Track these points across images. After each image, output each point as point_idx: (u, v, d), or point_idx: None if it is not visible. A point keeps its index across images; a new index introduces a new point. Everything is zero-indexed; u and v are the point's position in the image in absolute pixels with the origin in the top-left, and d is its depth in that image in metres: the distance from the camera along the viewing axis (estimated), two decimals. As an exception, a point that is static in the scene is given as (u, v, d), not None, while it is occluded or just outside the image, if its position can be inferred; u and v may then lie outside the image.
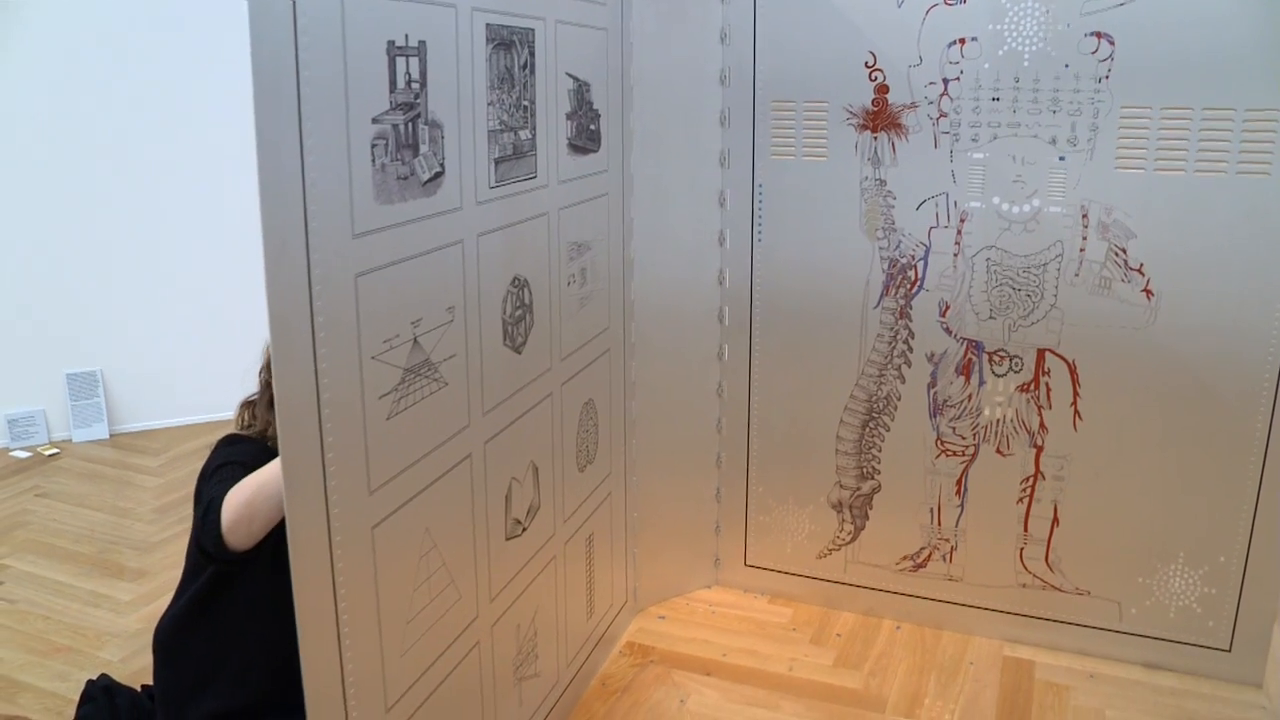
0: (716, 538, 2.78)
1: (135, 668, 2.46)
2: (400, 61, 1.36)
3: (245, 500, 1.50)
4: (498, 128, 1.67)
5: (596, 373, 2.26)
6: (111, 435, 4.01)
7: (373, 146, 1.32)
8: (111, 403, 4.02)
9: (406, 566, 1.52)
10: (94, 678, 2.27)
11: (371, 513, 1.41)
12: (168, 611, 1.95)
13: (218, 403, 4.16)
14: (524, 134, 1.77)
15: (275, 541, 1.56)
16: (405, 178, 1.40)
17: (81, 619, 2.71)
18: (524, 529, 1.94)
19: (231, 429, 1.98)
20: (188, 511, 3.23)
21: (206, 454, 2.53)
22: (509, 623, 1.92)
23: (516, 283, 1.81)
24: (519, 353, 1.84)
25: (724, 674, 2.43)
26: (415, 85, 1.40)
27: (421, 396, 1.51)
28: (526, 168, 1.80)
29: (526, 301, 1.85)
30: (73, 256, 3.88)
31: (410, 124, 1.40)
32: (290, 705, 1.88)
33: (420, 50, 1.40)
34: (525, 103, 1.77)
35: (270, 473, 1.51)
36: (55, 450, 3.86)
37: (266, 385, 1.88)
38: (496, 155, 1.68)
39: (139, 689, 2.25)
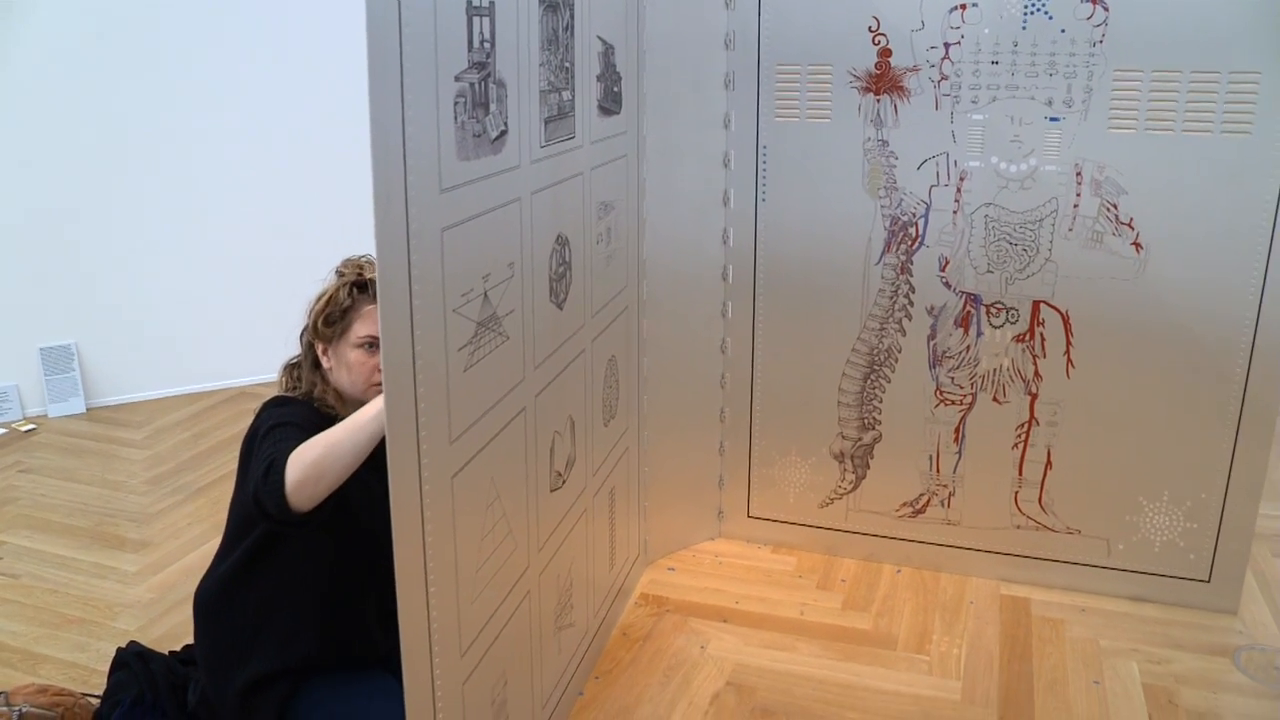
0: (720, 491, 2.87)
1: (153, 636, 2.47)
2: (476, 21, 1.39)
3: (314, 459, 1.51)
4: (546, 88, 1.71)
5: (617, 330, 2.32)
6: (88, 409, 3.95)
7: (455, 104, 1.35)
8: (87, 376, 3.95)
9: (476, 516, 1.57)
10: (123, 645, 2.28)
11: (452, 463, 1.46)
12: (210, 574, 1.97)
13: (197, 374, 4.15)
14: (566, 95, 1.82)
15: (332, 503, 1.59)
16: (478, 135, 1.44)
17: (90, 591, 2.70)
18: (564, 481, 2.00)
19: (249, 398, 1.98)
20: (183, 482, 3.25)
21: (191, 425, 2.53)
22: (552, 573, 1.98)
23: (559, 240, 1.85)
24: (561, 309, 1.89)
25: (739, 620, 2.52)
26: (486, 45, 1.44)
27: (489, 350, 1.55)
28: (567, 128, 1.84)
29: (567, 259, 1.90)
30: (44, 230, 3.80)
31: (483, 82, 1.43)
32: (335, 665, 1.93)
33: (491, 10, 1.44)
34: (567, 64, 1.81)
35: (342, 432, 1.52)
36: (32, 426, 3.79)
37: (310, 347, 1.90)
38: (545, 115, 1.72)
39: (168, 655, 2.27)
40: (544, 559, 1.92)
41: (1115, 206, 2.35)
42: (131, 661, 2.19)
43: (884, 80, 2.44)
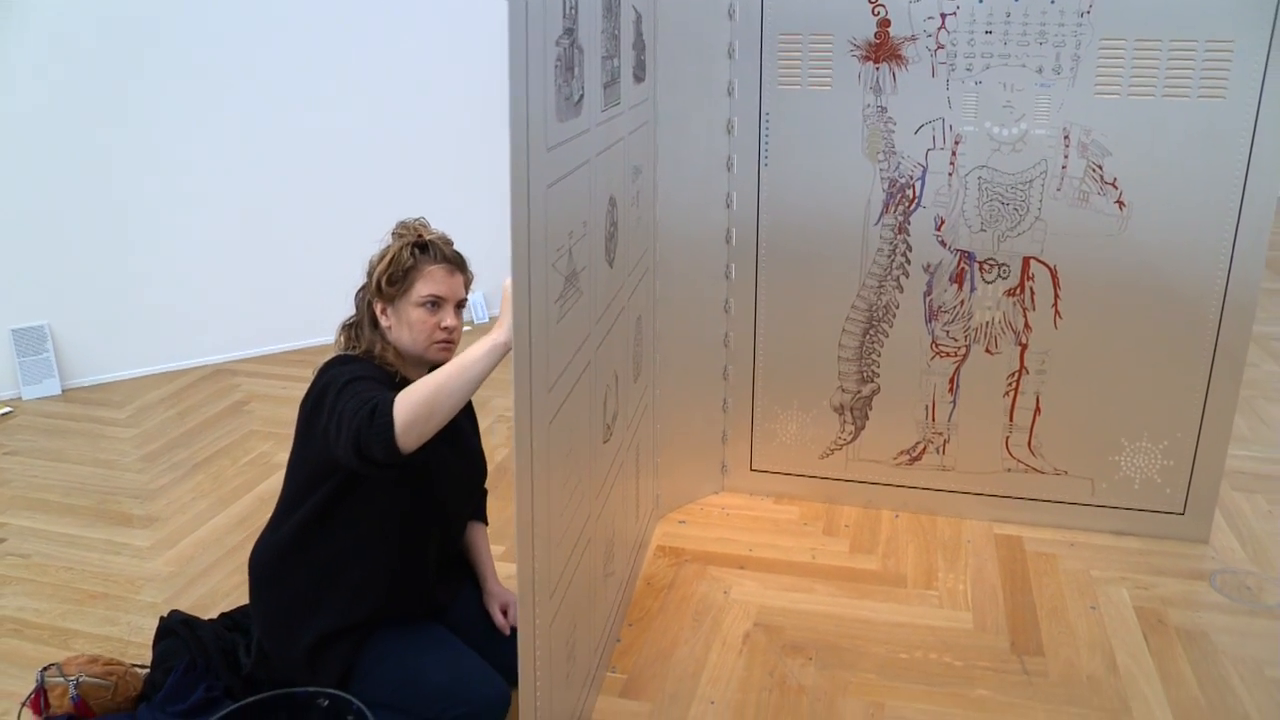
0: (724, 446, 2.99)
1: (182, 607, 2.47)
2: (568, -12, 1.47)
3: (424, 399, 1.57)
4: (605, 55, 1.79)
5: (643, 290, 2.41)
6: (64, 391, 3.88)
7: (554, 67, 1.43)
8: (61, 357, 3.88)
9: (561, 462, 1.66)
10: (164, 615, 2.30)
11: (549, 409, 1.54)
12: (269, 535, 2.01)
13: (173, 353, 4.10)
14: (614, 62, 1.89)
15: (420, 453, 1.65)
16: (568, 98, 1.52)
17: (106, 567, 2.70)
18: (611, 434, 2.09)
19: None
20: (178, 459, 3.25)
21: (174, 403, 2.55)
22: (603, 523, 2.08)
23: (611, 201, 1.94)
24: (611, 268, 1.97)
25: (755, 566, 2.65)
26: (573, 11, 1.51)
27: (572, 304, 1.64)
28: (615, 94, 1.92)
29: (615, 220, 1.98)
30: (14, 212, 3.71)
31: (571, 48, 1.51)
32: (400, 618, 2.00)
33: (577, -21, 1.51)
34: (616, 32, 1.88)
35: (451, 371, 1.58)
36: (8, 409, 3.71)
37: (368, 306, 1.94)
38: (604, 80, 1.80)
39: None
40: (598, 508, 2.01)
41: (1100, 167, 2.52)
42: (178, 629, 2.21)
43: (883, 49, 2.57)
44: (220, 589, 2.59)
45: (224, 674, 2.11)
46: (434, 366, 2.01)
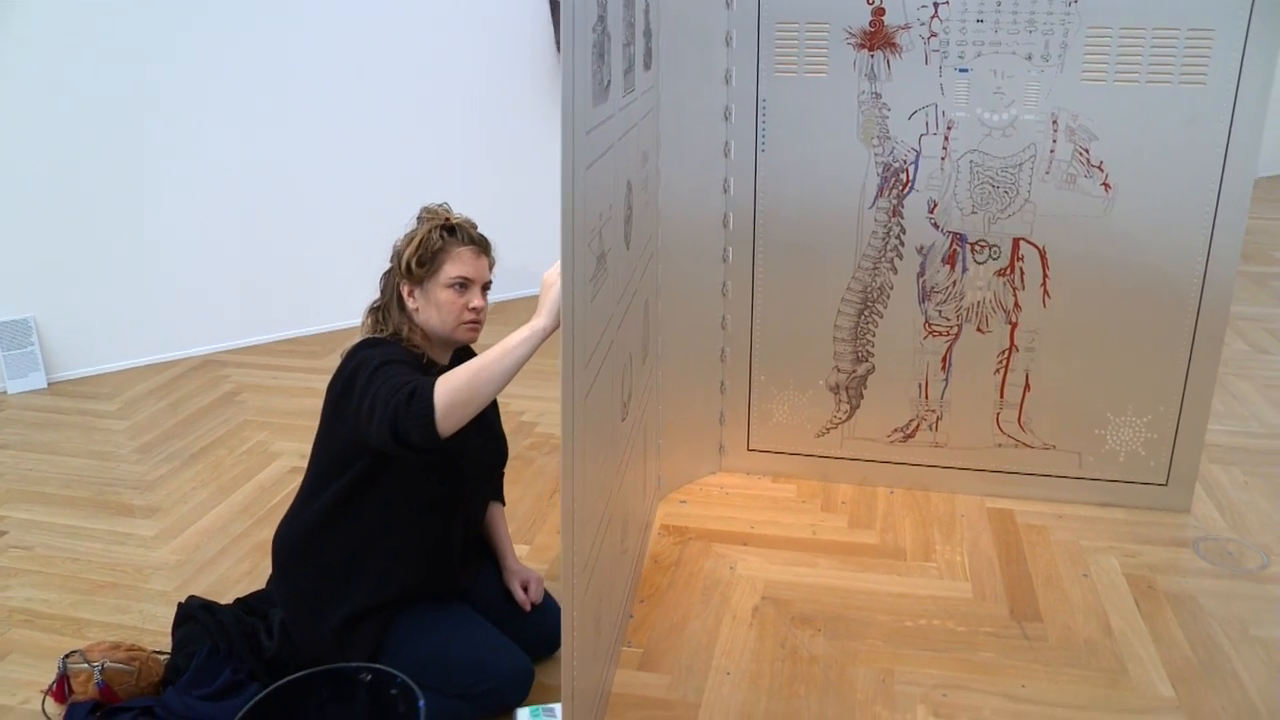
0: (721, 427, 3.06)
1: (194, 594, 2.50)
2: (601, -24, 1.51)
3: (464, 384, 1.61)
4: (625, 41, 1.83)
5: (650, 274, 2.46)
6: (50, 384, 3.85)
7: (590, 52, 1.47)
8: (46, 350, 3.85)
9: (592, 437, 1.71)
10: (181, 601, 2.32)
11: (583, 384, 1.59)
12: (295, 517, 2.04)
13: (160, 344, 4.08)
14: (631, 49, 1.94)
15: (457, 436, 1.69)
16: (599, 83, 1.56)
17: (112, 557, 2.70)
18: (626, 413, 2.14)
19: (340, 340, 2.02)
20: (173, 449, 3.25)
21: (165, 395, 2.53)
22: (620, 499, 2.13)
23: (628, 185, 1.98)
24: (628, 249, 2.02)
25: (758, 543, 2.72)
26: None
27: (600, 284, 1.68)
28: (631, 81, 1.97)
29: (631, 204, 2.03)
30: (-4, 198, 3.68)
31: (602, 34, 1.55)
32: (426, 597, 2.04)
33: (607, -33, 1.55)
34: (631, 19, 1.93)
35: (492, 356, 1.62)
36: (-9, 403, 3.69)
37: (395, 289, 1.97)
38: (624, 67, 1.84)
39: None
40: (617, 485, 2.07)
41: (1087, 151, 2.61)
42: (198, 614, 2.24)
43: (877, 37, 2.63)
44: (230, 576, 2.60)
45: (247, 657, 2.13)
46: (459, 348, 2.05)
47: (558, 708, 2.03)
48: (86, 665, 2.07)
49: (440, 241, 1.91)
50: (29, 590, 2.55)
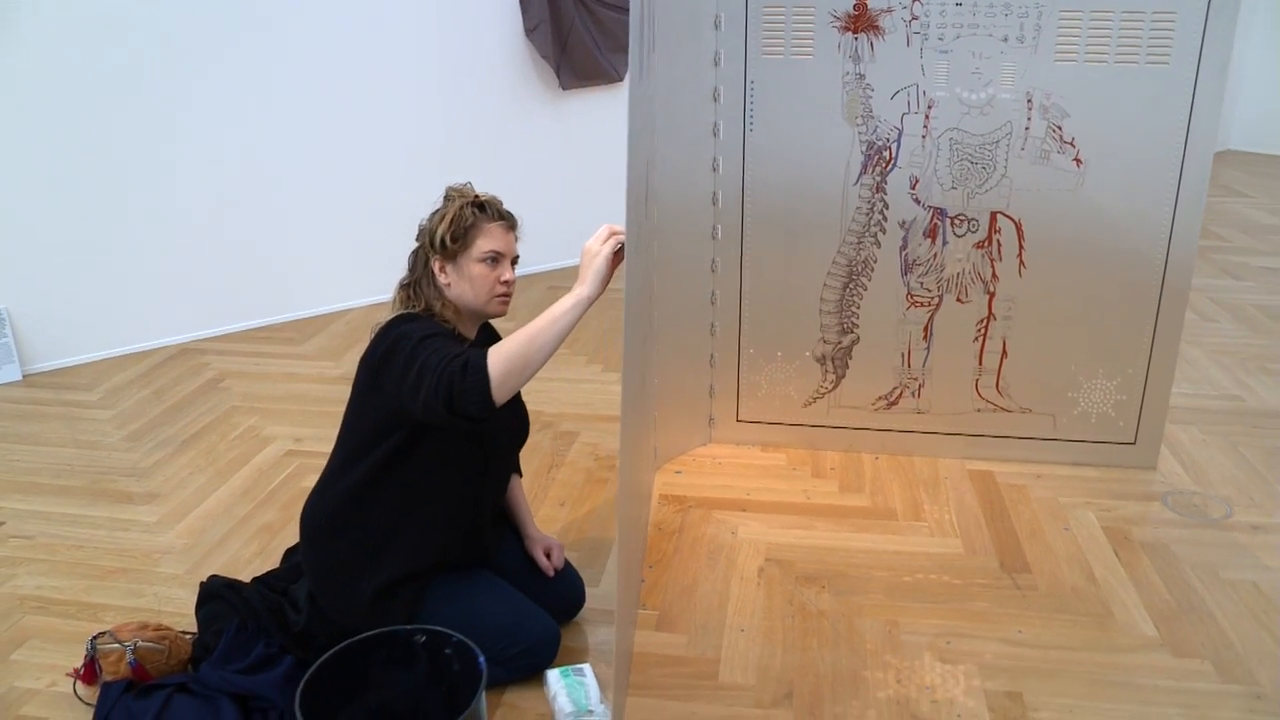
0: (711, 399, 3.16)
1: (205, 576, 2.51)
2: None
3: (518, 353, 1.68)
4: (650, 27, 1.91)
5: (653, 250, 2.54)
6: (25, 376, 3.81)
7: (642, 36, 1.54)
8: (20, 342, 3.80)
9: (631, 405, 1.79)
10: (204, 580, 2.35)
11: (640, 359, 1.66)
12: (326, 492, 2.09)
13: (136, 334, 4.05)
14: (650, 32, 2.01)
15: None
16: (639, 64, 1.63)
17: (118, 543, 2.71)
18: (644, 380, 2.22)
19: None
20: (163, 437, 3.25)
21: (146, 383, 2.53)
22: (640, 467, 2.21)
23: (649, 164, 2.06)
24: (652, 224, 2.10)
25: (755, 509, 2.83)
26: (640, -15, 1.63)
27: (642, 256, 1.76)
28: (650, 62, 2.04)
29: (648, 181, 2.11)
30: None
31: (650, 18, 1.63)
32: (455, 566, 2.10)
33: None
34: (651, 5, 2.00)
35: (539, 326, 1.69)
36: (-32, 396, 3.63)
37: (425, 265, 2.02)
38: (649, 48, 1.91)
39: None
40: (641, 452, 2.15)
41: (1060, 128, 2.75)
42: (223, 592, 2.27)
43: (861, 20, 2.74)
44: (240, 557, 2.63)
45: (275, 632, 2.18)
46: (487, 325, 2.11)
47: (586, 668, 2.12)
48: (118, 645, 2.10)
49: (471, 218, 1.97)
50: (37, 578, 2.55)
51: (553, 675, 2.08)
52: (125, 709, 2.00)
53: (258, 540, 2.71)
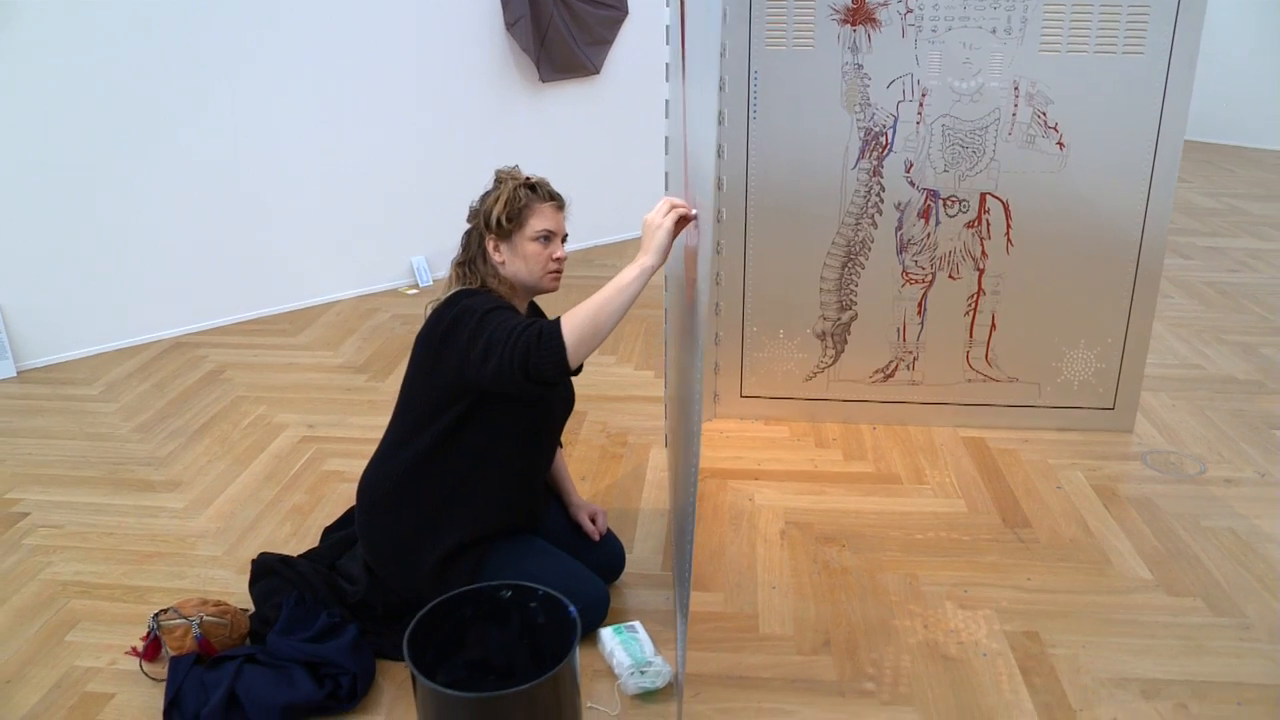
0: (715, 376, 3.29)
1: (244, 557, 2.58)
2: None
3: (589, 319, 1.79)
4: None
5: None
6: (19, 373, 3.79)
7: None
8: (13, 339, 3.78)
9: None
10: (254, 558, 2.42)
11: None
12: (385, 465, 2.17)
13: (128, 329, 4.06)
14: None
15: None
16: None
17: (149, 529, 2.75)
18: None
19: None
20: (174, 428, 3.30)
21: (146, 376, 2.63)
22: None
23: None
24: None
25: (768, 478, 2.97)
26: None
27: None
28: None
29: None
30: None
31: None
32: (511, 532, 2.21)
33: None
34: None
35: (608, 294, 1.80)
36: (-37, 392, 3.61)
37: (480, 244, 2.11)
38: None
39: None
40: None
41: (1044, 114, 2.94)
42: (278, 567, 2.35)
43: (859, 13, 2.90)
44: (276, 538, 2.69)
45: (331, 603, 2.26)
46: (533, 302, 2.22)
47: (637, 624, 2.24)
48: (183, 620, 2.16)
49: (524, 199, 2.07)
50: (74, 565, 2.59)
51: (606, 633, 2.20)
52: (197, 680, 2.07)
53: (290, 522, 2.77)
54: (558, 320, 1.82)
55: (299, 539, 2.68)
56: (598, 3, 4.94)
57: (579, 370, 1.87)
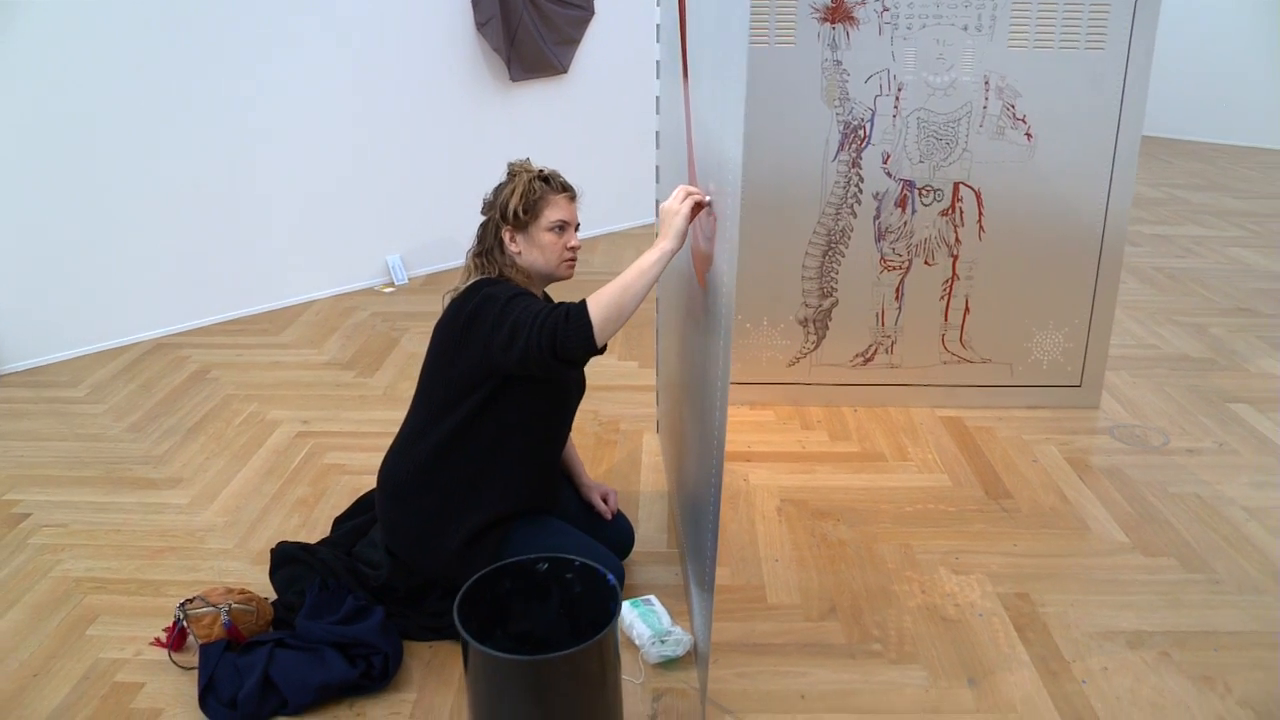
0: (704, 367, 3.40)
1: (256, 549, 2.63)
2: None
3: (614, 301, 1.88)
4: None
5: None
6: None
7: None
8: (-7, 342, 3.76)
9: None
10: (273, 547, 2.46)
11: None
12: (409, 451, 2.23)
13: (106, 331, 4.04)
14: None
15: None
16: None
17: (156, 525, 2.78)
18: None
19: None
20: (167, 426, 3.33)
21: (131, 377, 2.73)
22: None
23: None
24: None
25: (759, 459, 3.09)
26: (718, -22, 1.85)
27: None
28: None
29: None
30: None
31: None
32: (530, 513, 2.29)
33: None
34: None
35: (630, 277, 1.89)
36: (-54, 396, 3.58)
37: (495, 234, 2.18)
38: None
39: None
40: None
41: (1013, 107, 3.09)
42: (299, 555, 2.40)
43: (838, 12, 3.03)
44: (285, 529, 2.74)
45: (354, 587, 2.32)
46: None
47: (653, 597, 2.34)
48: (212, 608, 2.21)
49: (539, 190, 2.15)
50: (85, 561, 2.61)
51: (625, 607, 2.29)
52: (230, 665, 2.12)
53: (297, 514, 2.82)
54: (583, 302, 1.91)
55: (308, 530, 2.73)
56: (565, 2, 5.03)
57: (604, 349, 1.95)
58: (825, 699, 2.07)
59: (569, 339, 1.89)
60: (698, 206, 1.98)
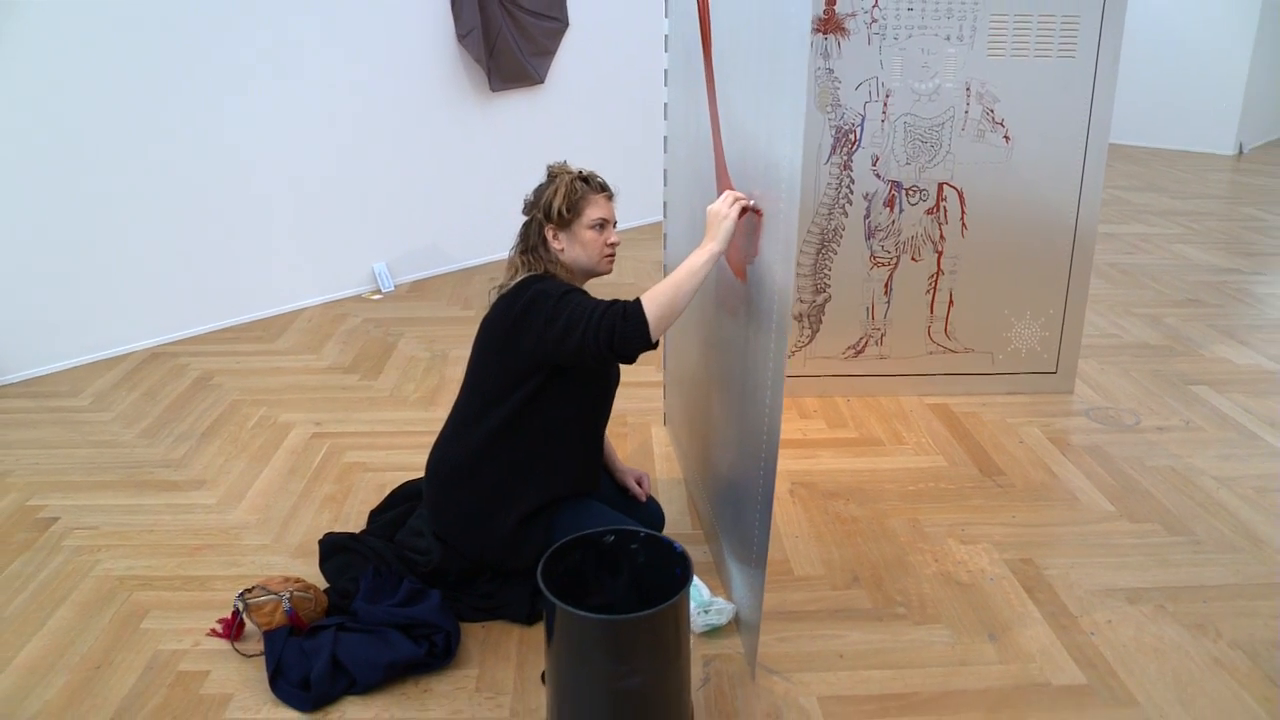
0: (704, 362, 3.56)
1: (294, 543, 2.71)
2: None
3: (668, 298, 2.02)
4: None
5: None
6: (-1, 387, 3.77)
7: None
8: (-8, 353, 3.76)
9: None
10: (320, 538, 2.55)
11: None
12: (457, 439, 2.35)
13: (102, 341, 4.06)
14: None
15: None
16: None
17: (189, 525, 2.83)
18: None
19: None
20: (180, 431, 3.39)
21: (133, 385, 2.94)
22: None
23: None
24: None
25: (765, 447, 3.25)
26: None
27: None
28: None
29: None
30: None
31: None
32: (585, 491, 2.41)
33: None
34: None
35: (682, 274, 2.04)
36: (-51, 408, 3.57)
37: (539, 232, 2.31)
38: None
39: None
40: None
41: (993, 111, 3.32)
42: (349, 544, 2.50)
43: (830, 23, 3.22)
44: (319, 525, 2.82)
45: (405, 572, 2.42)
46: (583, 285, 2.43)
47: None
48: (273, 596, 2.29)
49: (580, 190, 2.28)
50: (124, 561, 2.66)
51: (666, 582, 2.42)
52: (297, 649, 2.20)
53: (327, 510, 2.90)
54: (638, 300, 2.04)
55: (342, 524, 2.81)
56: (540, 14, 5.16)
57: (657, 344, 2.09)
58: (862, 657, 2.23)
59: (627, 335, 2.03)
60: (744, 211, 2.13)
